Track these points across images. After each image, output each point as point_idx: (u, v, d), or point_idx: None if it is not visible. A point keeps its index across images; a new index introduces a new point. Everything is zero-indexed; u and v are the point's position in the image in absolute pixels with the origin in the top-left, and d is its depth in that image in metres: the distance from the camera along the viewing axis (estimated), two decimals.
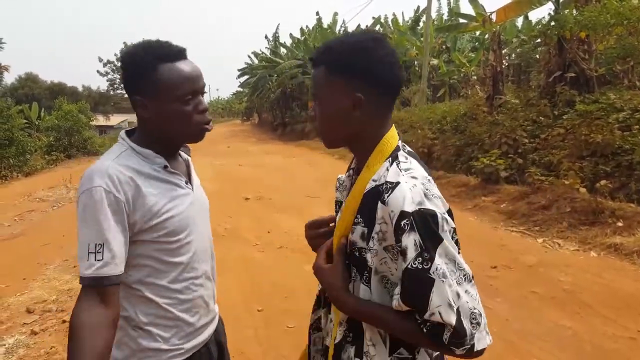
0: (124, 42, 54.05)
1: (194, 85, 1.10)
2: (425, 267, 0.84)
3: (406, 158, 0.96)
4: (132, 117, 49.34)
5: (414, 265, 0.84)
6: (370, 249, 0.93)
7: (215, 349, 1.33)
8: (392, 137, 0.99)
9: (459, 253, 0.89)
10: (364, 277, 0.96)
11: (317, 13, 23.41)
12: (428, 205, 0.86)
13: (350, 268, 0.99)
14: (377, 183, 0.93)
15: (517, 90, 10.76)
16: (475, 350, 0.85)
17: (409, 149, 1.03)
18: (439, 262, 0.84)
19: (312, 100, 1.02)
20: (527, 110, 8.47)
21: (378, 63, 0.94)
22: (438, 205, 0.88)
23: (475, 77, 13.89)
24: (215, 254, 1.35)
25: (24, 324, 3.51)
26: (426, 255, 0.84)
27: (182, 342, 1.19)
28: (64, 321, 3.49)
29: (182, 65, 1.09)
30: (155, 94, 1.07)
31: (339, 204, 1.15)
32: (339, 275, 0.99)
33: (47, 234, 6.13)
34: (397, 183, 0.89)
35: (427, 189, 0.89)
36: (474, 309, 0.85)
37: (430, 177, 0.95)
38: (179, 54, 1.10)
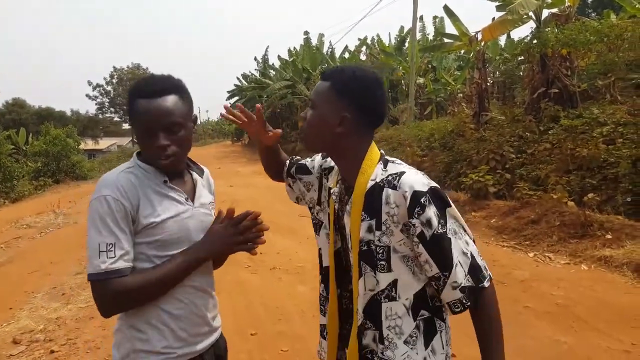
0: (114, 67, 54.22)
1: None
2: (444, 230, 1.07)
3: (394, 160, 1.17)
4: (121, 141, 49.24)
5: (438, 231, 1.06)
6: (384, 232, 1.10)
7: None
8: (374, 149, 1.19)
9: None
10: (378, 266, 1.11)
11: (306, 33, 23.67)
12: (433, 183, 1.10)
13: (360, 264, 1.13)
14: (376, 181, 1.11)
15: (502, 107, 10.95)
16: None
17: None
18: (450, 222, 1.09)
19: (302, 118, 1.18)
20: (513, 126, 8.62)
21: (371, 99, 1.16)
22: (436, 184, 1.12)
23: (461, 95, 14.13)
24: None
25: (10, 355, 3.41)
26: (442, 221, 1.07)
27: (174, 347, 1.23)
28: (52, 351, 3.40)
29: None
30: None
31: (319, 224, 1.32)
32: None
33: (34, 261, 6.01)
34: (402, 172, 1.10)
35: (424, 174, 1.12)
36: (476, 251, 1.12)
37: None
38: None
